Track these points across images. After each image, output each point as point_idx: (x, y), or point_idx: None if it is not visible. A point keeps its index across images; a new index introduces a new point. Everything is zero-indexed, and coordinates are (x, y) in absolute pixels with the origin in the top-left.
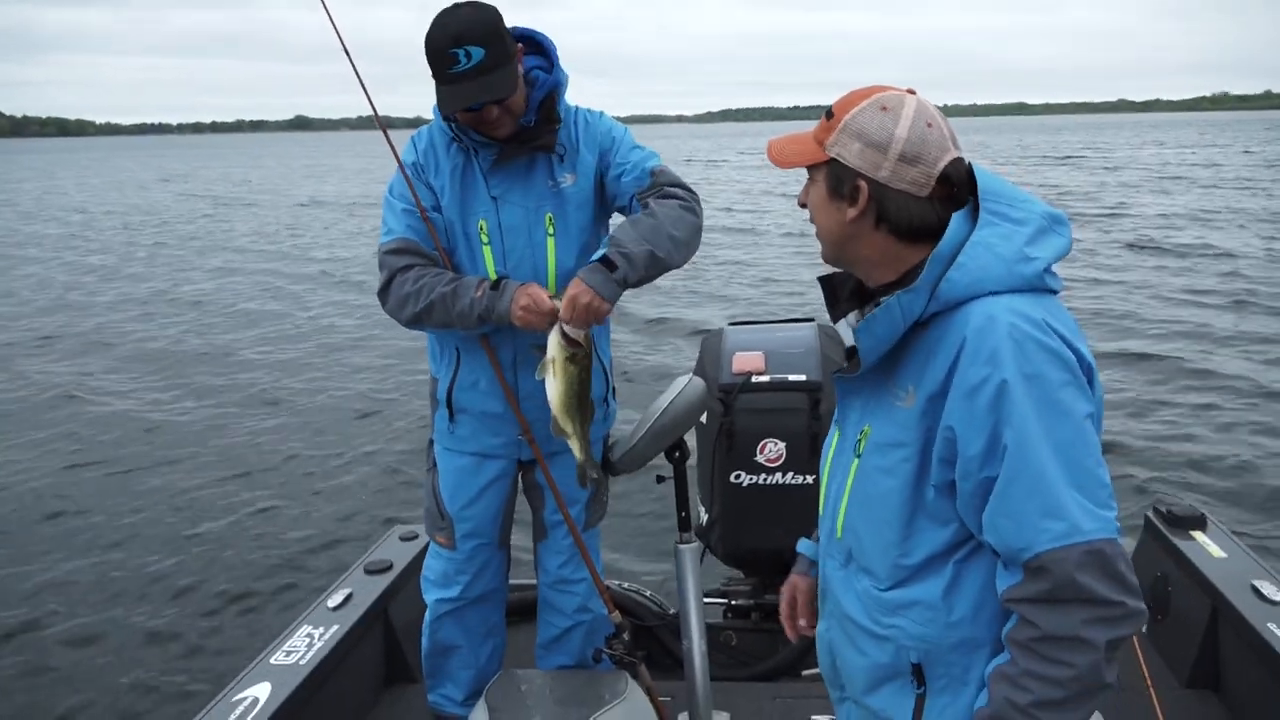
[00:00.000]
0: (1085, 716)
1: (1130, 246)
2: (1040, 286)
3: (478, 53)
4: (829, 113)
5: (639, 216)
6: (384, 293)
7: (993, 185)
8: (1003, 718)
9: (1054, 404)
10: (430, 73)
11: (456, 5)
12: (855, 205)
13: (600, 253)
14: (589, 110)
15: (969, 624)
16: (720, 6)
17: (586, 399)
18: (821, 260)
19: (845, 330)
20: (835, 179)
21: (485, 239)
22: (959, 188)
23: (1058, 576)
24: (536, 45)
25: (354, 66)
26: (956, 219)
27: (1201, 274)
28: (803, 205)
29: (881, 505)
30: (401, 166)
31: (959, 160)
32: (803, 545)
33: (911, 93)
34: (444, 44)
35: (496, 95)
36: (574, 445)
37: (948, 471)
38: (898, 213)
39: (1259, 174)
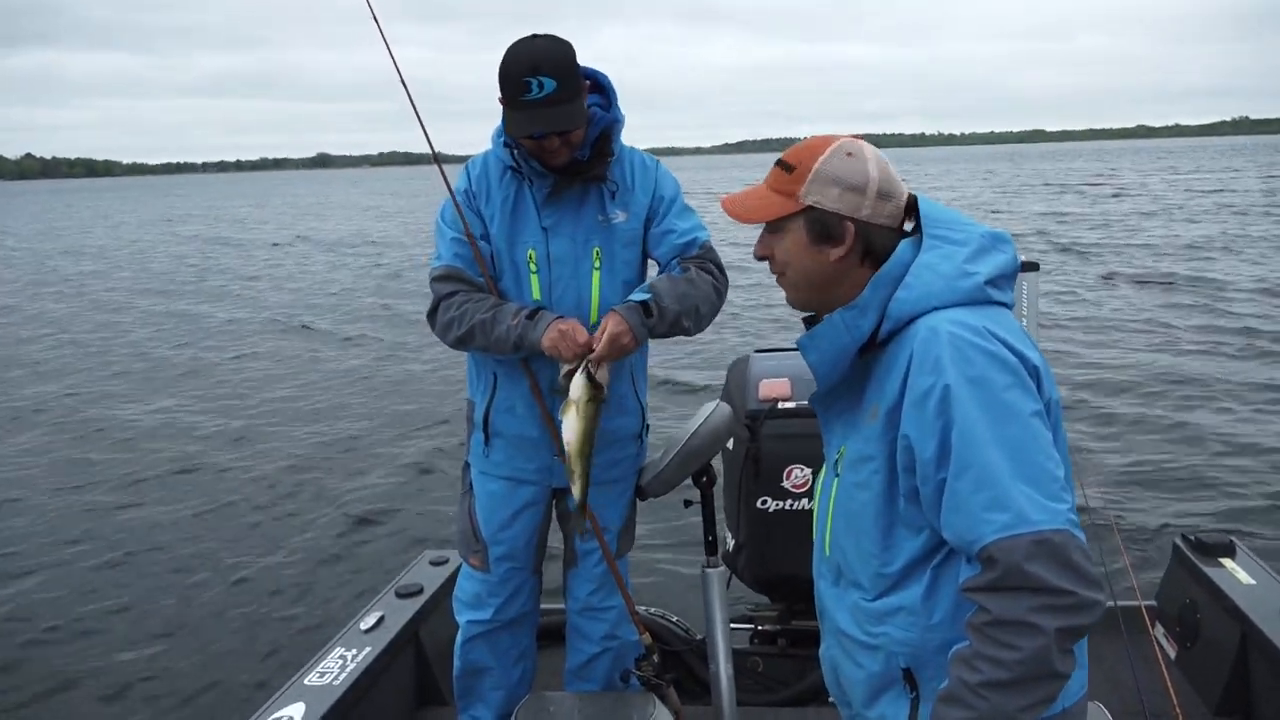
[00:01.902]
0: (1033, 702)
1: (1137, 278)
2: (982, 299)
3: (550, 84)
4: (786, 166)
5: (679, 278)
6: (431, 317)
7: (934, 212)
8: (956, 695)
9: (999, 404)
10: (501, 96)
11: (534, 36)
12: (841, 245)
13: (640, 296)
14: (646, 154)
15: (949, 625)
16: (732, 39)
17: (595, 443)
18: (794, 306)
19: None
20: (818, 225)
21: (534, 268)
22: (914, 216)
23: (1005, 565)
24: (597, 84)
25: (413, 104)
26: (903, 245)
27: (1222, 303)
28: (763, 258)
29: (860, 518)
30: (453, 196)
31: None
32: None
33: (857, 139)
34: (519, 71)
35: (563, 127)
36: (576, 488)
37: (911, 478)
38: (881, 246)
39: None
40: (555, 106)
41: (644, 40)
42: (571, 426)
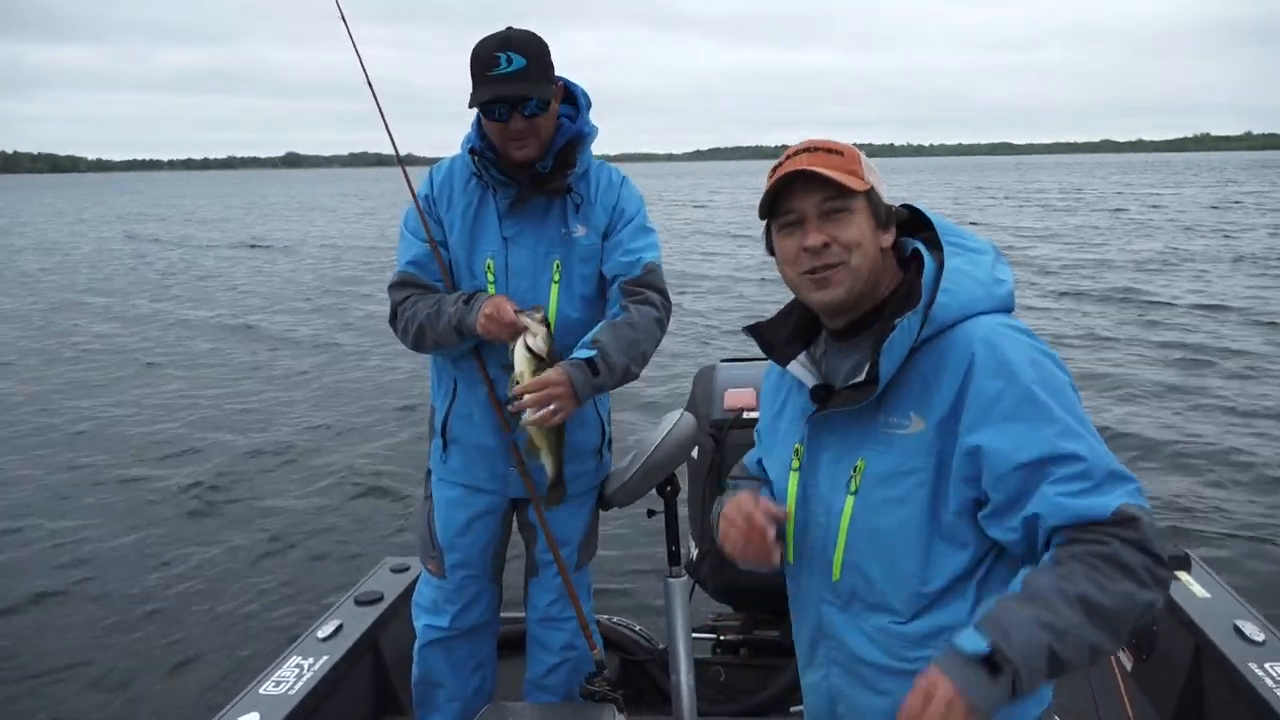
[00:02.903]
0: (1100, 646)
1: (1084, 292)
2: (1011, 306)
3: (519, 60)
4: (831, 151)
5: (622, 323)
6: (392, 324)
7: (943, 222)
8: (1041, 597)
9: (1074, 405)
10: (471, 76)
11: (510, 26)
12: (891, 232)
13: (587, 353)
14: (615, 170)
15: None
16: (701, 44)
17: None
18: (831, 310)
19: (801, 371)
20: (878, 207)
21: (491, 278)
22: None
23: (1145, 525)
24: (569, 93)
25: (379, 106)
26: (924, 251)
27: (1167, 318)
28: (825, 245)
29: (895, 536)
30: (416, 201)
31: None
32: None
33: None
34: (490, 47)
35: (526, 94)
36: (546, 462)
37: (970, 490)
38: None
39: (1241, 217)
40: (522, 81)
41: (612, 43)
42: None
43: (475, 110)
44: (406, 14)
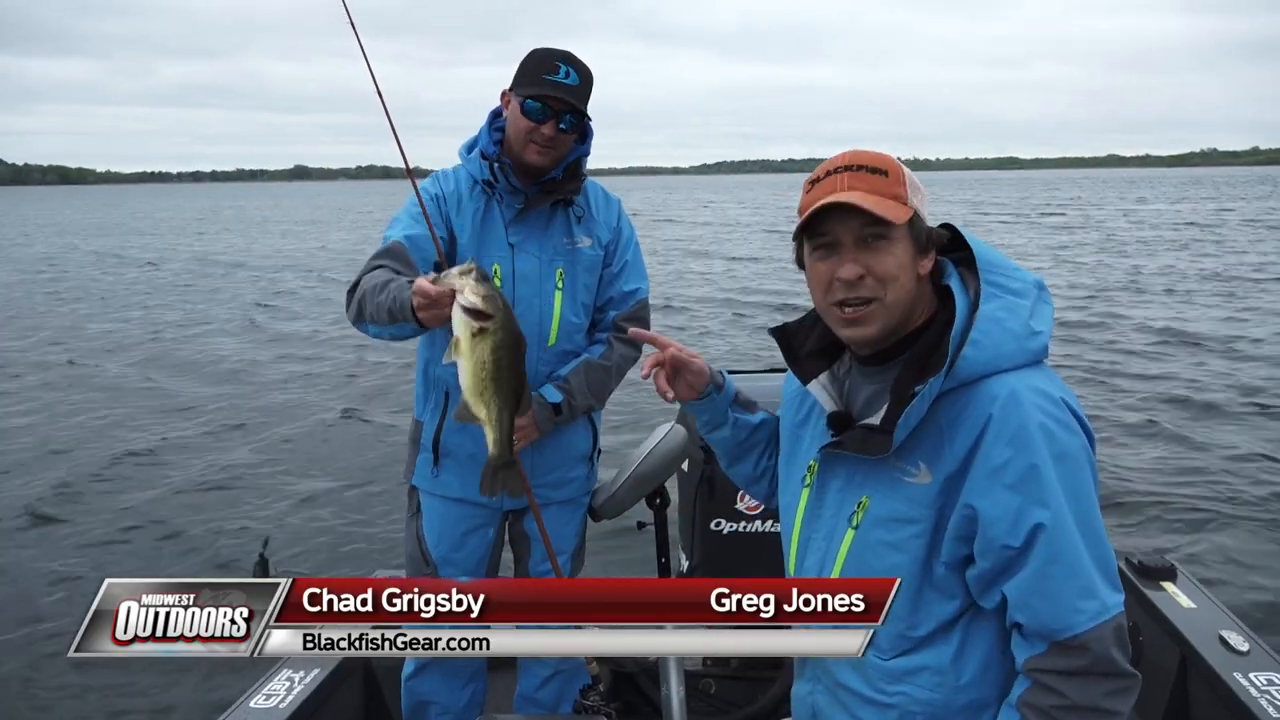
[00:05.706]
0: None
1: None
2: (1043, 357)
3: (576, 78)
4: (874, 170)
5: (598, 364)
6: (349, 293)
7: (987, 254)
8: None
9: (1079, 483)
10: (519, 74)
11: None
12: (931, 257)
13: (555, 397)
14: (607, 191)
15: (978, 686)
16: (696, 59)
17: (507, 380)
18: (860, 346)
19: (821, 394)
20: (920, 233)
21: (498, 283)
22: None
23: (1096, 654)
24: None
25: (390, 119)
26: (956, 290)
27: (1170, 334)
28: (861, 278)
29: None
30: (422, 203)
31: None
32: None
33: None
34: (553, 55)
35: (574, 107)
36: (487, 434)
37: (962, 548)
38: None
39: (1246, 234)
40: (572, 95)
41: (609, 59)
42: (460, 367)
43: (483, 117)
44: (396, 26)
